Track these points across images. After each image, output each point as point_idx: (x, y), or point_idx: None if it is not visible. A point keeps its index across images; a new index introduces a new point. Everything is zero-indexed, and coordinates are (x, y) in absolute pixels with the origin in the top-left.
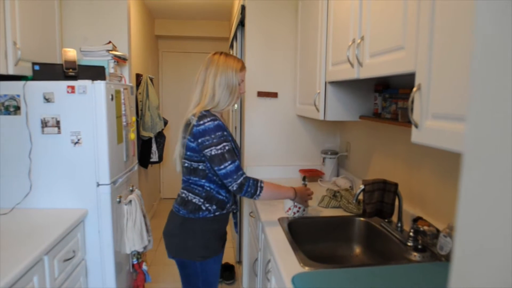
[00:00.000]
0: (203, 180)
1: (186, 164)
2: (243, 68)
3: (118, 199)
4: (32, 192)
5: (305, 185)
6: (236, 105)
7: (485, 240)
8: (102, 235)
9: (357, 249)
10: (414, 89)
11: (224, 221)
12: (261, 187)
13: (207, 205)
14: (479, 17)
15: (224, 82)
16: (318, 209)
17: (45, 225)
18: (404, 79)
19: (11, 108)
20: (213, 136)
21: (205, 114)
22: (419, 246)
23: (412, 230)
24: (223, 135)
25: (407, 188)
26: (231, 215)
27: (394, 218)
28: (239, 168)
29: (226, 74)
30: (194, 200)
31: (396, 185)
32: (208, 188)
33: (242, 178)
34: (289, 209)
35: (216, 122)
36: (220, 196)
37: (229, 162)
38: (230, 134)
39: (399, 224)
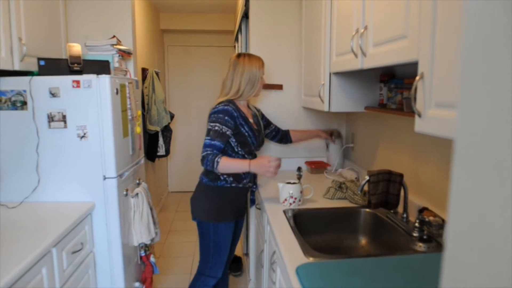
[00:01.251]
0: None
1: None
2: (263, 64)
3: (125, 192)
4: (40, 186)
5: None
6: None
7: (478, 229)
8: (109, 227)
9: (363, 240)
10: (417, 77)
11: (241, 194)
12: (217, 162)
13: (225, 175)
14: (469, 6)
15: (249, 78)
16: (323, 200)
17: (53, 218)
18: (410, 69)
19: (18, 103)
20: (215, 115)
21: (224, 101)
22: (425, 237)
23: (417, 221)
24: (222, 118)
25: (413, 178)
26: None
27: (400, 208)
28: (209, 145)
29: (251, 71)
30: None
31: (401, 175)
32: None
33: (205, 153)
34: (285, 200)
35: (225, 107)
36: None
37: (208, 138)
38: (246, 122)
39: (405, 215)
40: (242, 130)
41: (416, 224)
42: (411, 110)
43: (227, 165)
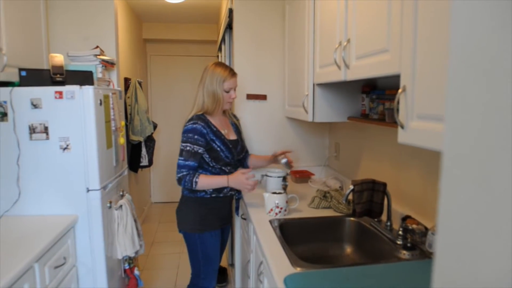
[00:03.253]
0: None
1: None
2: (231, 76)
3: (108, 204)
4: (21, 199)
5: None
6: None
7: (466, 237)
8: (93, 240)
9: (348, 249)
10: (400, 90)
11: (223, 203)
12: (196, 182)
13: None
14: (455, 19)
15: (208, 91)
16: (308, 210)
17: (35, 232)
18: (391, 80)
19: None
20: (185, 135)
21: (192, 117)
22: (409, 245)
23: (401, 229)
24: (192, 137)
25: (395, 187)
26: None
27: (384, 217)
28: (184, 166)
29: (211, 84)
30: None
31: (384, 184)
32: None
33: (181, 174)
34: (271, 210)
35: (194, 126)
36: None
37: (181, 158)
38: (218, 136)
39: (389, 223)
40: (214, 145)
41: (400, 232)
42: (393, 120)
43: (205, 183)
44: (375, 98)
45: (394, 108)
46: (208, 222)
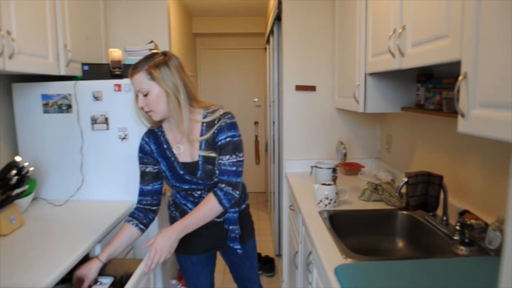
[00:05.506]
0: None
1: None
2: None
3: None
4: (84, 185)
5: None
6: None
7: None
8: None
9: (400, 243)
10: (460, 77)
11: (202, 228)
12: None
13: (172, 208)
14: None
15: None
16: (358, 202)
17: (97, 216)
18: (449, 68)
19: (64, 106)
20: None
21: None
22: (466, 240)
23: (458, 224)
24: (139, 157)
25: (452, 180)
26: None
27: (439, 211)
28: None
29: None
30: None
31: (441, 177)
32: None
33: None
34: (320, 201)
35: (140, 142)
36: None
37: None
38: (164, 157)
39: (445, 218)
40: (160, 166)
41: (457, 227)
42: (452, 110)
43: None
44: (431, 87)
45: (454, 97)
46: (181, 244)
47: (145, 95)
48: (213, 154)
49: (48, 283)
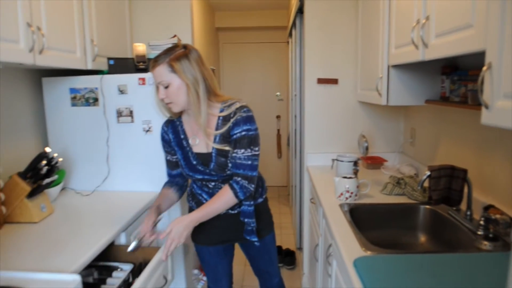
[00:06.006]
0: None
1: None
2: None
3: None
4: (110, 176)
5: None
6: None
7: None
8: (171, 216)
9: (422, 238)
10: (484, 68)
11: (217, 219)
12: None
13: (189, 198)
14: None
15: None
16: (380, 196)
17: (122, 206)
18: (474, 60)
19: (91, 100)
20: None
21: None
22: (491, 235)
23: (482, 219)
24: (162, 145)
25: (477, 174)
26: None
27: (463, 206)
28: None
29: None
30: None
31: (465, 171)
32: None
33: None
34: (341, 194)
35: (161, 131)
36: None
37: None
38: (181, 146)
39: (468, 212)
40: (177, 155)
41: (481, 222)
42: (477, 102)
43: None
44: (456, 79)
45: (478, 88)
46: (197, 235)
47: (166, 87)
48: (227, 148)
49: (78, 267)
